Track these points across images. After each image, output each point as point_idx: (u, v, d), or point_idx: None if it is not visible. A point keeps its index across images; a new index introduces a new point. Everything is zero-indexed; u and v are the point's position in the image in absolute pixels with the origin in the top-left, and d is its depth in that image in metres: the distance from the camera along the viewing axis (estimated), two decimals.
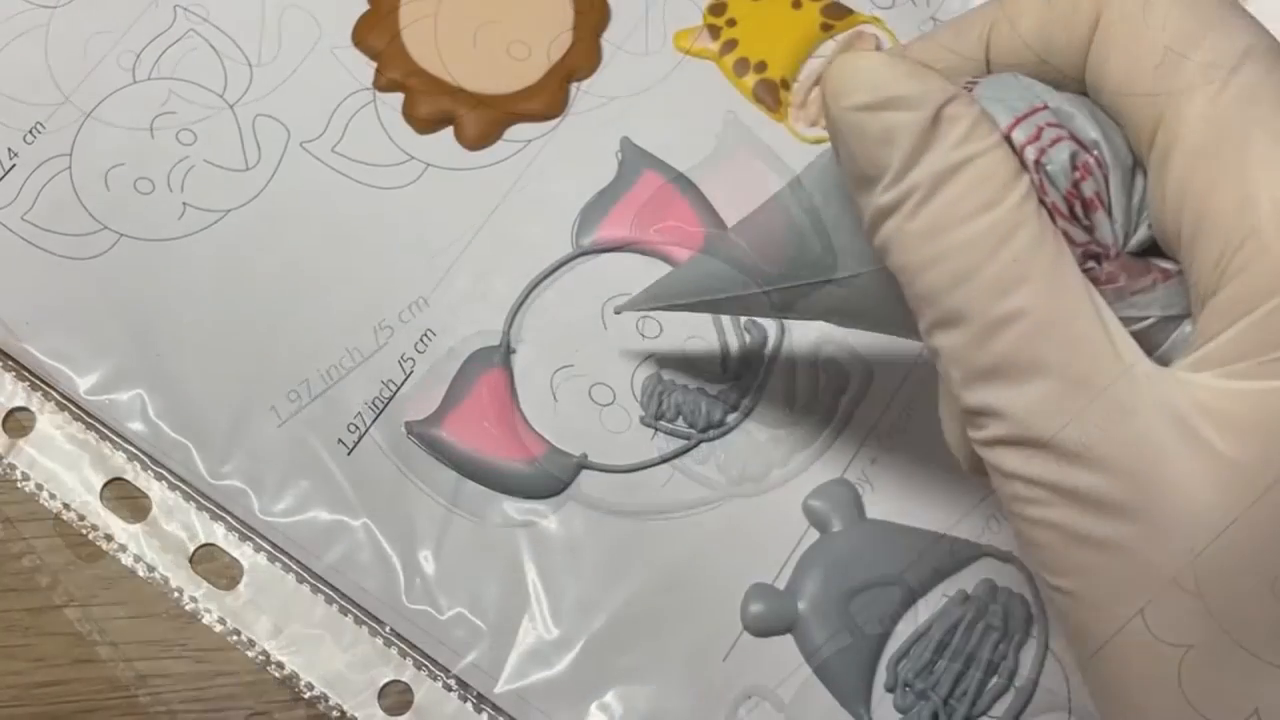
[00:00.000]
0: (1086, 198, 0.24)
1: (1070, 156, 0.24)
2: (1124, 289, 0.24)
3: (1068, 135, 0.25)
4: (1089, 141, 0.25)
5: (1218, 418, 0.22)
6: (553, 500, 0.38)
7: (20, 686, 0.36)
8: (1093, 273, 0.24)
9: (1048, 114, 0.25)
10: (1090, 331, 0.23)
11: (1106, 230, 0.24)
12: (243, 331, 0.39)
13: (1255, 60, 0.24)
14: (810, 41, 0.42)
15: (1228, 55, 0.24)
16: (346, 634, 0.37)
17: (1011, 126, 0.25)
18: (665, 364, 0.39)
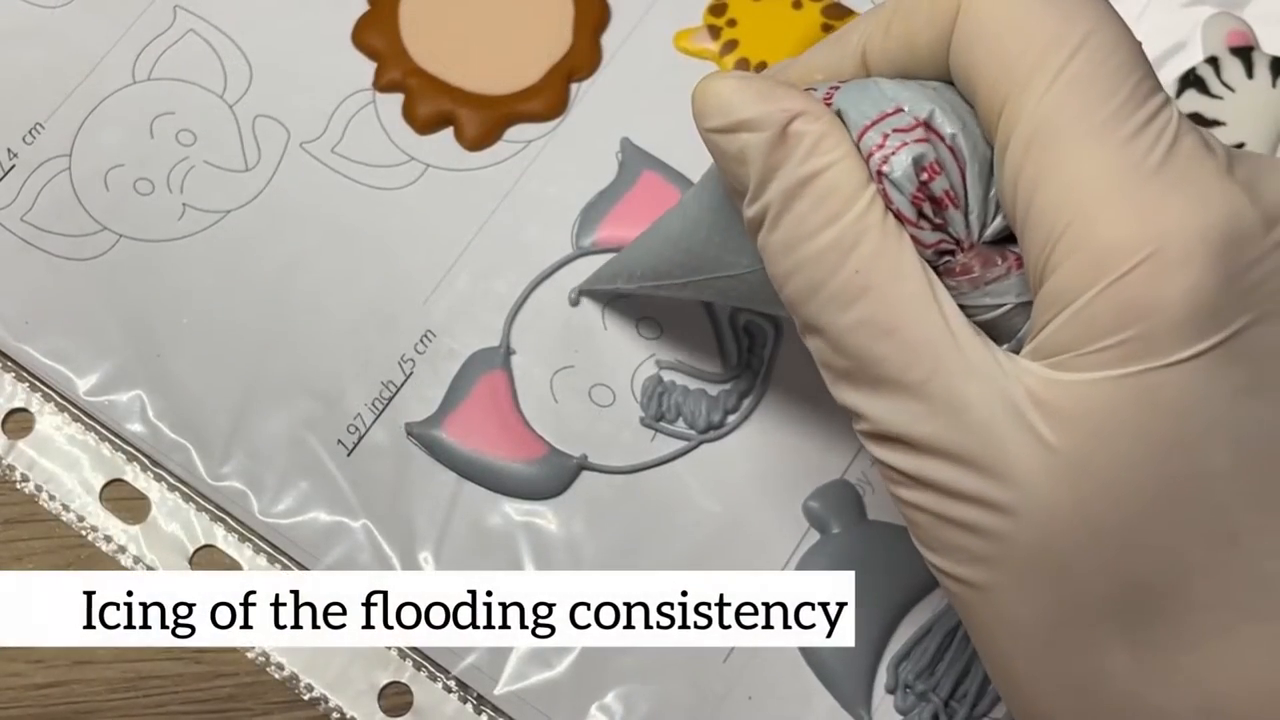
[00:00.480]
0: (936, 196, 0.25)
1: (914, 160, 0.25)
2: (979, 278, 0.25)
3: (917, 137, 0.25)
4: (945, 135, 0.25)
5: (1046, 408, 0.23)
6: (553, 501, 0.38)
7: (19, 688, 0.36)
8: (947, 265, 0.25)
9: (897, 118, 0.25)
10: (930, 334, 0.24)
11: (960, 224, 0.25)
12: (243, 332, 0.39)
13: (1090, 48, 0.24)
14: (811, 42, 0.42)
15: (1066, 42, 0.24)
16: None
17: (860, 136, 0.25)
18: (665, 365, 0.39)
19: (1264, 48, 0.43)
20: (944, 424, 0.24)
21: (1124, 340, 0.23)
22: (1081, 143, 0.23)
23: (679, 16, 0.43)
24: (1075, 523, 0.23)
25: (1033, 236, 0.24)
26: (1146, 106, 0.23)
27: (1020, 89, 0.24)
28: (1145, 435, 0.23)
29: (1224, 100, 0.42)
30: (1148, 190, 0.23)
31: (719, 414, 0.39)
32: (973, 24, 0.25)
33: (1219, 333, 0.23)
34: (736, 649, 0.37)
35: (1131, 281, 0.22)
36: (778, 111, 0.25)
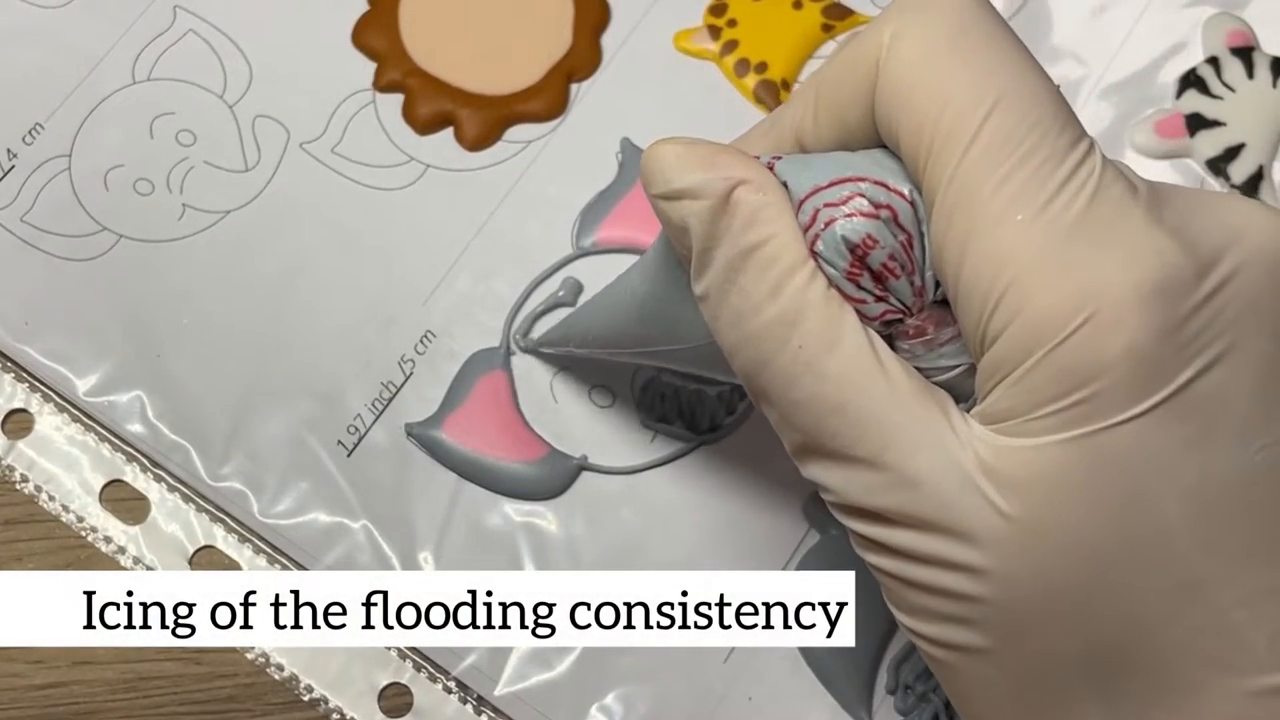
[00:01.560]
0: (875, 269, 0.24)
1: (842, 237, 0.24)
2: (933, 340, 0.25)
3: (847, 211, 0.24)
4: (879, 204, 0.24)
5: (996, 476, 0.23)
6: (553, 502, 0.38)
7: (19, 689, 0.36)
8: (900, 329, 0.25)
9: (830, 191, 0.25)
10: (876, 408, 0.24)
11: (906, 290, 0.24)
12: (243, 332, 0.39)
13: (1004, 108, 0.23)
14: (811, 42, 0.42)
15: (979, 105, 0.23)
16: None
17: (797, 209, 0.25)
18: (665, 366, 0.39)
19: (1264, 48, 0.42)
20: (900, 497, 0.24)
21: (1068, 404, 0.22)
22: (1002, 211, 0.23)
23: (679, 16, 0.43)
24: (1036, 587, 0.23)
25: (966, 307, 0.23)
26: (1067, 162, 0.23)
27: (936, 156, 0.24)
28: (1097, 496, 0.23)
29: (1224, 100, 0.42)
30: (1074, 251, 0.22)
31: (719, 415, 0.39)
32: (888, 91, 0.24)
33: (1162, 389, 0.22)
34: (736, 650, 0.37)
35: (1069, 347, 0.22)
36: (720, 179, 0.25)
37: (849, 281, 0.24)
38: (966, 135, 0.23)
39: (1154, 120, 0.42)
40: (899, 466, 0.24)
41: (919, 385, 0.24)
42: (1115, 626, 0.23)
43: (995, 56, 0.24)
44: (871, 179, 0.25)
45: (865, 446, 0.24)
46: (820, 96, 0.26)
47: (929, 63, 0.24)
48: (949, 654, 0.25)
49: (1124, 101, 0.42)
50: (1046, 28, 0.43)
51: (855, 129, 0.25)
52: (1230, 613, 0.23)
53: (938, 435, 0.24)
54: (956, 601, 0.24)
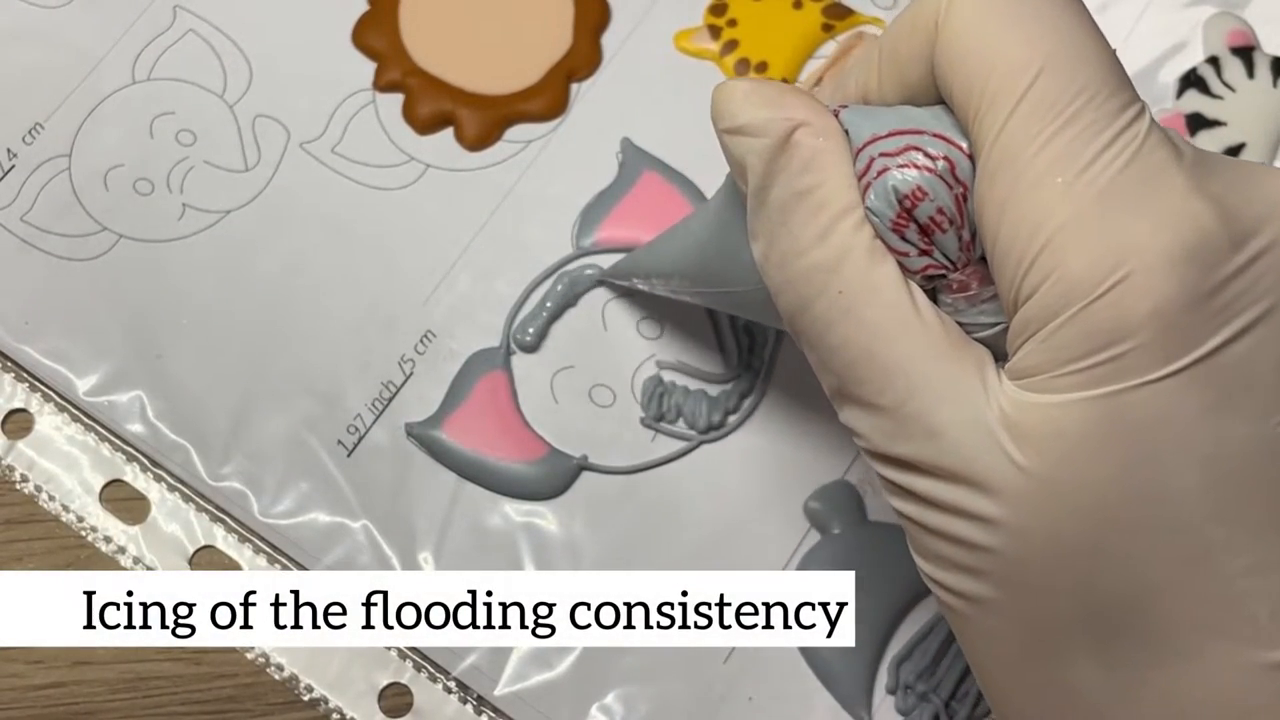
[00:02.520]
0: (922, 222, 0.24)
1: (892, 187, 0.24)
2: (975, 296, 0.25)
3: (900, 163, 0.25)
4: (935, 157, 0.25)
5: (1017, 430, 0.23)
6: (553, 502, 0.38)
7: (19, 689, 0.36)
8: (944, 283, 0.25)
9: (887, 141, 0.25)
10: (904, 359, 0.24)
11: (953, 244, 0.25)
12: (243, 332, 0.39)
13: (1052, 70, 0.23)
14: (811, 42, 0.42)
15: (1028, 66, 0.23)
16: None
17: (855, 157, 0.25)
18: (665, 365, 0.39)
19: (1265, 48, 0.42)
20: (920, 446, 0.24)
21: (1094, 364, 0.23)
22: (1042, 173, 0.23)
23: (679, 16, 0.43)
24: (1047, 542, 0.23)
25: (1001, 267, 0.24)
26: (1112, 126, 0.23)
27: (983, 117, 0.24)
28: (1114, 455, 0.23)
29: (1225, 100, 0.42)
30: (1112, 214, 0.23)
31: (719, 414, 0.38)
32: (945, 51, 0.25)
33: (1188, 354, 0.23)
34: (737, 650, 0.37)
35: (1099, 307, 0.22)
36: (782, 119, 0.25)
37: (894, 233, 0.25)
38: (1013, 97, 0.23)
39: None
40: (921, 417, 0.24)
41: (955, 339, 0.25)
42: (1120, 587, 0.23)
43: (1049, 19, 0.24)
44: (930, 132, 0.25)
45: (891, 395, 0.24)
46: (883, 56, 0.26)
47: (983, 23, 0.24)
48: (960, 602, 0.25)
49: None
50: None
51: (917, 88, 0.26)
52: (1236, 582, 0.23)
53: (964, 388, 0.24)
54: (970, 551, 0.24)
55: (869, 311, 0.25)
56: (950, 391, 0.24)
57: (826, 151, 0.25)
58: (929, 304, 0.25)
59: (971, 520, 0.24)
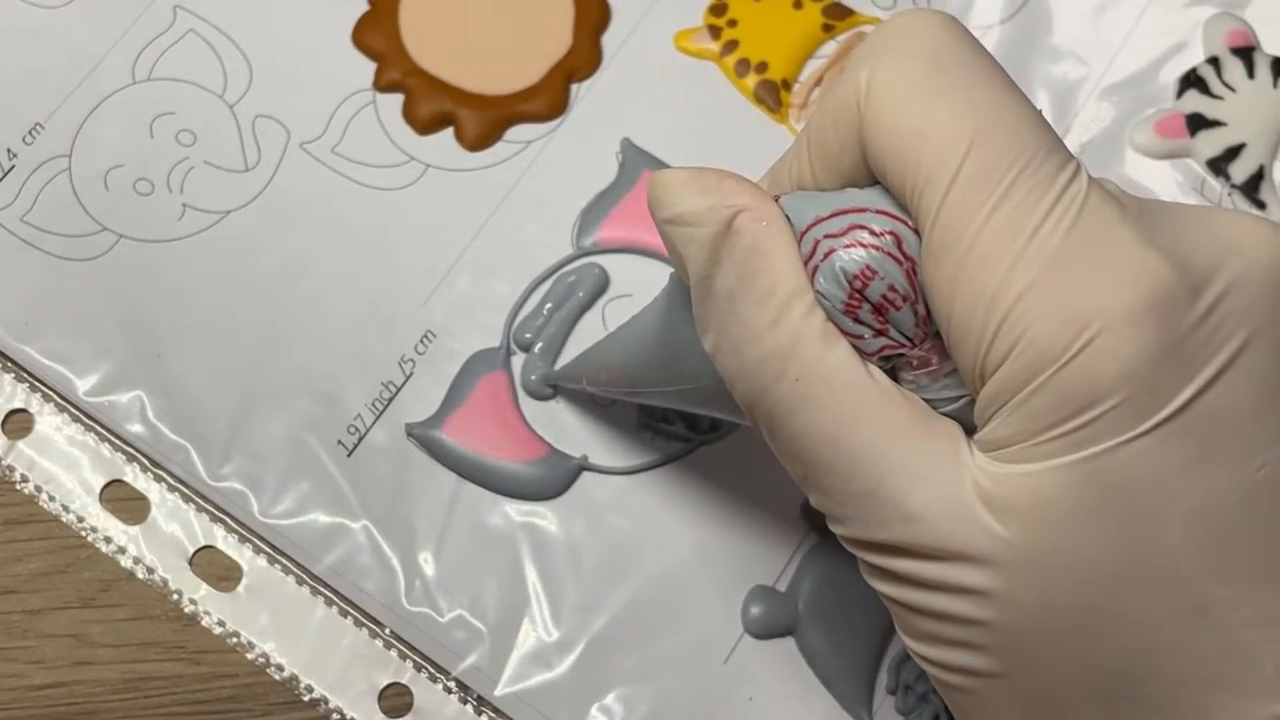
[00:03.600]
0: (875, 301, 0.24)
1: (841, 268, 0.24)
2: (937, 371, 0.25)
3: (847, 242, 0.24)
4: (880, 233, 0.24)
5: (995, 502, 0.23)
6: (553, 502, 0.38)
7: (19, 689, 0.36)
8: (904, 360, 0.25)
9: (831, 223, 0.24)
10: (871, 442, 0.24)
11: (908, 321, 0.24)
12: (243, 333, 0.39)
13: (982, 144, 0.23)
14: (812, 42, 0.42)
15: (957, 140, 0.23)
16: (346, 636, 0.37)
17: (799, 240, 0.25)
18: None
19: (1265, 48, 0.42)
20: (899, 530, 0.24)
21: (1069, 429, 0.22)
22: (989, 247, 0.23)
23: (679, 16, 0.43)
24: (1041, 609, 0.23)
25: (961, 342, 0.23)
26: (1052, 189, 0.23)
27: (921, 196, 0.23)
28: (1099, 519, 0.22)
29: (1225, 100, 0.42)
30: (1067, 278, 0.22)
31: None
32: (871, 134, 0.24)
33: (1163, 409, 0.22)
34: (737, 650, 0.37)
35: (1068, 373, 0.22)
36: (722, 207, 0.25)
37: (847, 315, 0.24)
38: (948, 174, 0.23)
39: (1154, 120, 0.42)
40: (895, 501, 0.24)
41: (921, 416, 0.24)
42: (1123, 649, 0.23)
43: (971, 90, 0.24)
44: (874, 209, 0.24)
45: (860, 481, 0.24)
46: (812, 147, 0.26)
47: (906, 101, 0.24)
48: (958, 678, 0.25)
49: (1124, 101, 0.42)
50: (1046, 28, 0.43)
51: (852, 173, 0.25)
52: (1239, 634, 0.23)
53: (936, 467, 0.24)
54: (963, 626, 0.24)
55: (829, 398, 0.24)
56: (922, 472, 0.24)
57: (770, 236, 0.25)
58: (890, 384, 0.24)
59: (961, 595, 0.23)
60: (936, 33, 0.24)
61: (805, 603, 0.37)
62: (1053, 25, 0.43)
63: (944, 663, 0.25)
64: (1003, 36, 0.43)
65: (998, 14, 0.43)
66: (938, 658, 0.25)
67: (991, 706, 0.25)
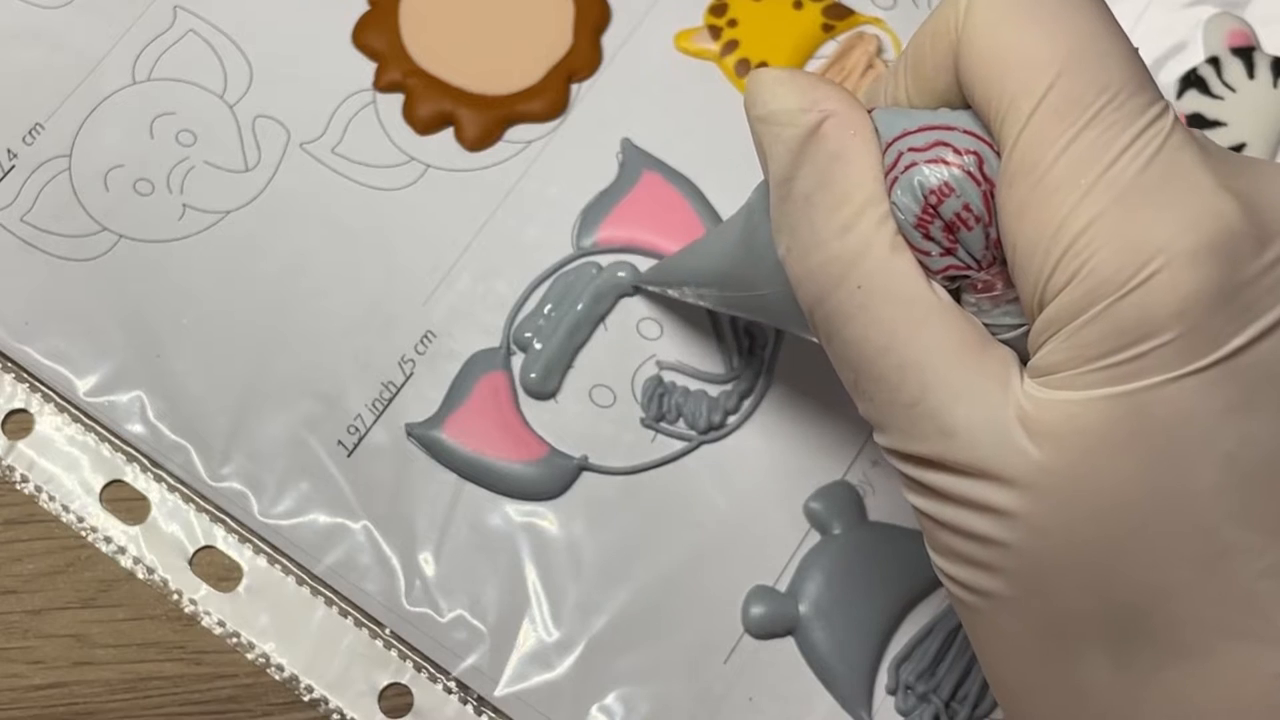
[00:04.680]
0: (948, 219, 0.24)
1: (918, 182, 0.24)
2: (1000, 296, 0.25)
3: (929, 158, 0.24)
4: (963, 152, 0.24)
5: (1035, 426, 0.23)
6: (553, 502, 0.38)
7: (19, 689, 0.36)
8: (969, 283, 0.25)
9: (917, 136, 0.25)
10: (919, 357, 0.24)
11: (978, 243, 0.24)
12: (243, 333, 0.39)
13: (1072, 70, 0.23)
14: (811, 42, 0.42)
15: (1048, 66, 0.23)
16: (346, 636, 0.37)
17: (883, 152, 0.25)
18: (666, 365, 0.39)
19: (1265, 48, 0.42)
20: (935, 444, 0.24)
21: (1118, 361, 0.22)
22: (1062, 177, 0.23)
23: (679, 17, 0.43)
24: (1062, 537, 0.23)
25: (1025, 268, 0.23)
26: (1135, 124, 0.23)
27: (1005, 120, 0.24)
28: (1135, 453, 0.23)
29: (1225, 101, 0.42)
30: (1136, 213, 0.22)
31: (719, 415, 0.38)
32: (965, 56, 0.24)
33: (1212, 353, 0.22)
34: (737, 650, 0.37)
35: (1124, 305, 0.22)
36: (813, 109, 0.25)
37: (918, 229, 0.24)
38: (1033, 99, 0.23)
39: None
40: (936, 415, 0.24)
41: (977, 337, 0.24)
42: (1136, 586, 0.23)
43: (1068, 18, 0.24)
44: (961, 128, 0.25)
45: (905, 392, 0.24)
46: (910, 68, 0.26)
47: (1001, 25, 0.24)
48: (973, 598, 0.25)
49: None
50: None
51: (945, 95, 0.25)
52: (1254, 584, 0.23)
53: (981, 386, 0.24)
54: (985, 546, 0.24)
55: (886, 307, 0.24)
56: (966, 390, 0.24)
57: (854, 144, 0.25)
58: (950, 301, 0.25)
59: (987, 514, 0.24)
60: None
61: (805, 603, 0.37)
62: None
63: (963, 580, 0.25)
64: None
65: None
66: (957, 574, 0.25)
67: (1003, 627, 0.25)
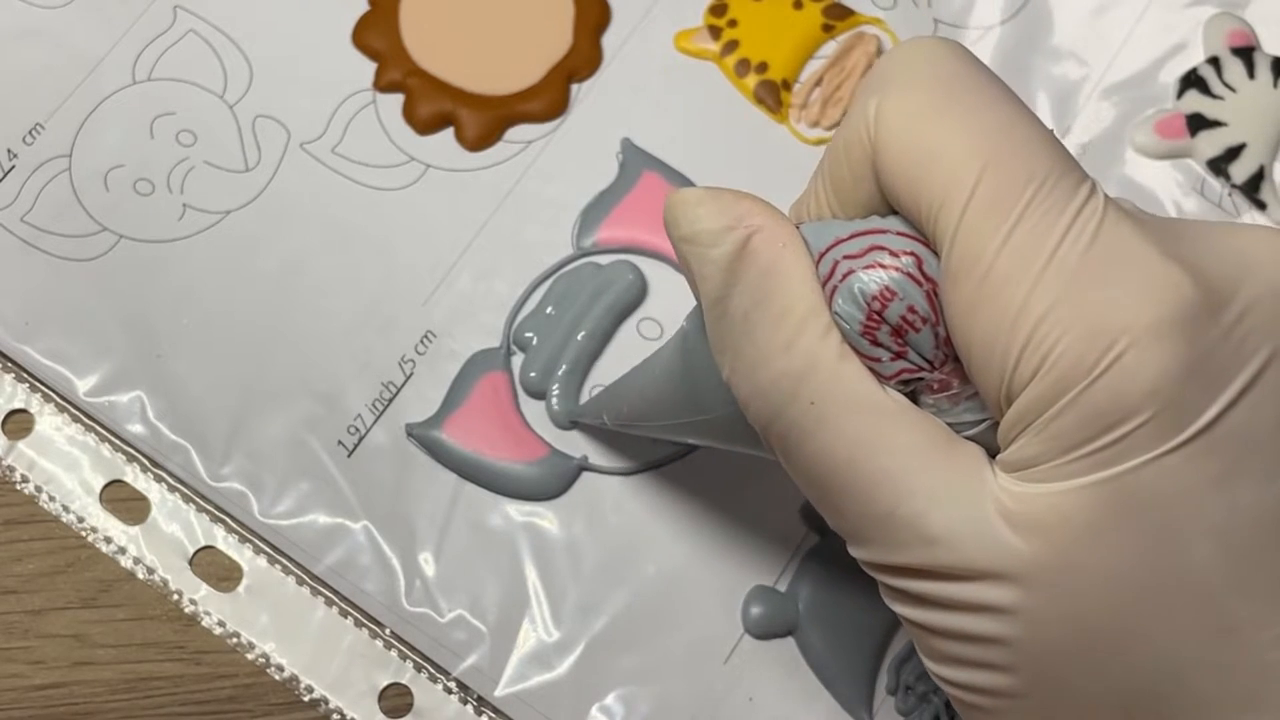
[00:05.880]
0: (894, 323, 0.24)
1: (859, 289, 0.24)
2: (958, 395, 0.24)
3: (867, 263, 0.24)
4: (900, 254, 0.24)
5: (1019, 521, 0.23)
6: (554, 502, 0.38)
7: (19, 689, 0.36)
8: (924, 384, 0.24)
9: (850, 244, 0.24)
10: (889, 466, 0.24)
11: (928, 343, 0.24)
12: (243, 333, 0.39)
13: (995, 165, 0.23)
14: (812, 42, 0.42)
15: (969, 163, 0.23)
16: (346, 636, 0.37)
17: (816, 263, 0.24)
18: None
19: (1265, 48, 0.42)
20: (917, 553, 0.24)
21: (1097, 448, 0.22)
22: (1008, 270, 0.22)
23: (679, 17, 0.43)
24: (1065, 628, 0.23)
25: (984, 366, 0.23)
26: (1070, 207, 0.23)
27: (937, 221, 0.23)
28: (1125, 537, 0.22)
29: (1225, 101, 0.42)
30: (1090, 295, 0.22)
31: None
32: (884, 163, 0.24)
33: (1189, 426, 0.22)
34: (737, 650, 0.37)
35: (1096, 390, 0.22)
36: (738, 225, 0.25)
37: (865, 337, 0.24)
38: (962, 197, 0.23)
39: (1154, 120, 0.42)
40: (915, 522, 0.23)
41: (943, 438, 0.24)
42: (1149, 668, 0.23)
43: (982, 112, 0.24)
44: (894, 230, 0.24)
45: (878, 504, 0.24)
46: (829, 182, 0.26)
47: (916, 128, 0.24)
48: (981, 699, 0.24)
49: (1124, 101, 0.42)
50: (1047, 28, 0.43)
51: (869, 205, 0.25)
52: (1266, 653, 0.23)
53: (956, 487, 0.23)
54: (986, 646, 0.24)
55: (845, 420, 0.24)
56: (942, 492, 0.23)
57: (785, 257, 0.24)
58: (909, 405, 0.24)
59: (984, 614, 0.23)
60: (942, 58, 0.24)
61: (805, 603, 0.37)
62: (1053, 26, 0.43)
63: (967, 684, 0.24)
64: (1003, 37, 0.43)
65: (998, 14, 0.43)
66: (960, 679, 0.24)
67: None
